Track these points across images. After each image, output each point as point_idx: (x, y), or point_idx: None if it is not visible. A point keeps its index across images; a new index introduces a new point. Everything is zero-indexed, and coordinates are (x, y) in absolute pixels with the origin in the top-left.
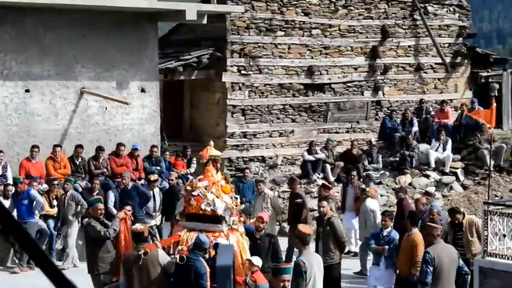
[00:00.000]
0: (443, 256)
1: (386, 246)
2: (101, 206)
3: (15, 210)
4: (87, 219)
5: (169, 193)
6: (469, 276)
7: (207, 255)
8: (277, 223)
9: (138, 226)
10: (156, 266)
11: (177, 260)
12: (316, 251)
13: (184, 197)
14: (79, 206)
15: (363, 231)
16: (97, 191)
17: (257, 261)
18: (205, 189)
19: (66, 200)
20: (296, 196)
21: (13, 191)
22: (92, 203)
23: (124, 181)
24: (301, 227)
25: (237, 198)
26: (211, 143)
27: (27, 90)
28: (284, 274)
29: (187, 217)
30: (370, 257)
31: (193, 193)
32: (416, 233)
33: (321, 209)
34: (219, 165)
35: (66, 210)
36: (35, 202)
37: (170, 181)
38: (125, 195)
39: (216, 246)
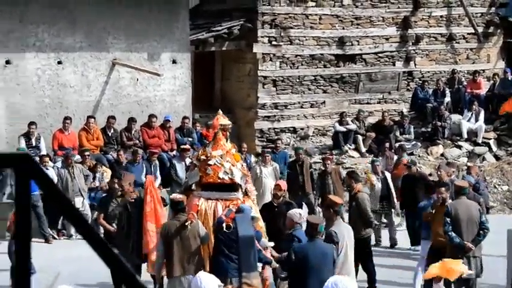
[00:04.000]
0: (460, 210)
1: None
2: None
3: None
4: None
5: None
6: (488, 232)
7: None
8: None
9: (177, 195)
10: (196, 237)
11: (224, 229)
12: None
13: (198, 167)
14: None
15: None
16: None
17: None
18: (221, 158)
19: None
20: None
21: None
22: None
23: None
24: (333, 197)
25: (243, 166)
26: (220, 112)
27: (59, 62)
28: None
29: (203, 187)
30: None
31: (209, 162)
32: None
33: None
34: (228, 134)
35: None
36: None
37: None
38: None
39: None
